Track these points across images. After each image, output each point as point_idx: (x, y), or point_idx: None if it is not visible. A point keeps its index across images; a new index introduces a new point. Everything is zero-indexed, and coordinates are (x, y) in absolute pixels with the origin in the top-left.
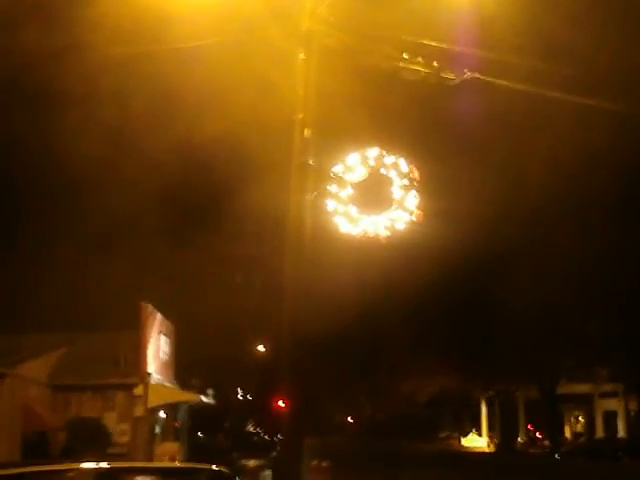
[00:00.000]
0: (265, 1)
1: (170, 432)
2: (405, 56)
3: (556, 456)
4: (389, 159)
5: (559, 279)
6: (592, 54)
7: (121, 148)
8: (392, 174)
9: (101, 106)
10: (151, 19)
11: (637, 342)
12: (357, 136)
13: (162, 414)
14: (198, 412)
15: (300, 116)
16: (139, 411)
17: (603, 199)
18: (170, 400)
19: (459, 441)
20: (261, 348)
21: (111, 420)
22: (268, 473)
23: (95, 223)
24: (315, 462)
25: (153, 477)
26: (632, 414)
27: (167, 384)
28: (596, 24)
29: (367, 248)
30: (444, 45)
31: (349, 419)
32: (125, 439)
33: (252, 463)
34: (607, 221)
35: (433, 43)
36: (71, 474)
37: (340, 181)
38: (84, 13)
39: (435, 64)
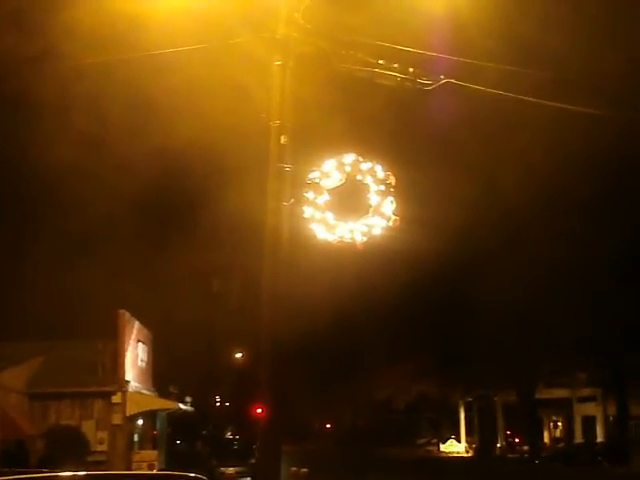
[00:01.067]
0: (241, 7)
1: (148, 440)
2: (381, 62)
3: (536, 461)
4: (365, 165)
5: (536, 283)
6: (566, 57)
7: (97, 155)
8: (368, 180)
9: (77, 113)
10: (127, 26)
11: (615, 346)
12: (333, 142)
13: (140, 422)
14: (176, 419)
15: (276, 122)
16: (117, 419)
17: (577, 203)
18: (148, 408)
19: (438, 447)
20: (239, 355)
21: (89, 428)
22: None
23: (72, 230)
24: (294, 469)
25: None
26: (610, 419)
27: (145, 392)
28: (569, 28)
29: (345, 254)
30: (420, 50)
31: (328, 425)
32: (103, 447)
33: (231, 470)
34: (581, 224)
35: (409, 49)
36: None
37: (316, 187)
38: (59, 20)
39: (411, 70)
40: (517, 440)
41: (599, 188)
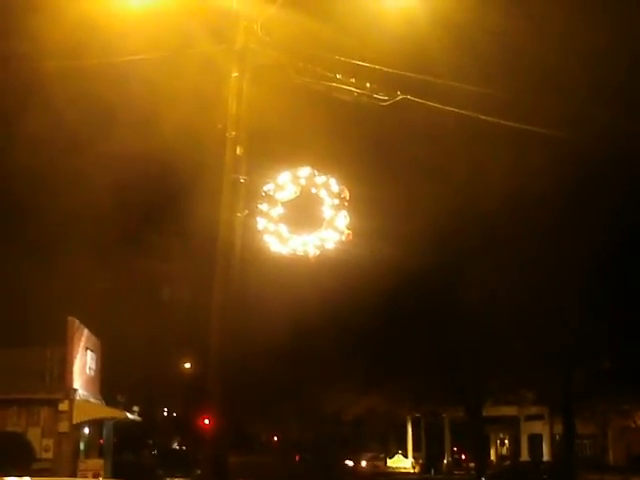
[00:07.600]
0: (200, 17)
1: (95, 448)
2: (338, 76)
3: (482, 478)
4: (320, 179)
5: (485, 301)
6: (526, 77)
7: (52, 162)
8: (323, 194)
9: (34, 120)
10: (86, 33)
11: (562, 365)
12: (289, 154)
13: (87, 430)
14: (123, 429)
15: (232, 133)
16: (64, 427)
17: (532, 219)
18: (95, 416)
19: (385, 461)
20: (188, 365)
21: (35, 435)
22: None
23: (22, 236)
24: None
25: None
26: (557, 437)
27: (92, 400)
28: (531, 47)
29: (299, 267)
30: (377, 66)
31: (275, 438)
32: (49, 455)
33: None
34: (534, 243)
35: (366, 64)
36: None
37: (271, 199)
38: (18, 25)
39: (368, 85)
40: (463, 457)
41: (559, 204)
